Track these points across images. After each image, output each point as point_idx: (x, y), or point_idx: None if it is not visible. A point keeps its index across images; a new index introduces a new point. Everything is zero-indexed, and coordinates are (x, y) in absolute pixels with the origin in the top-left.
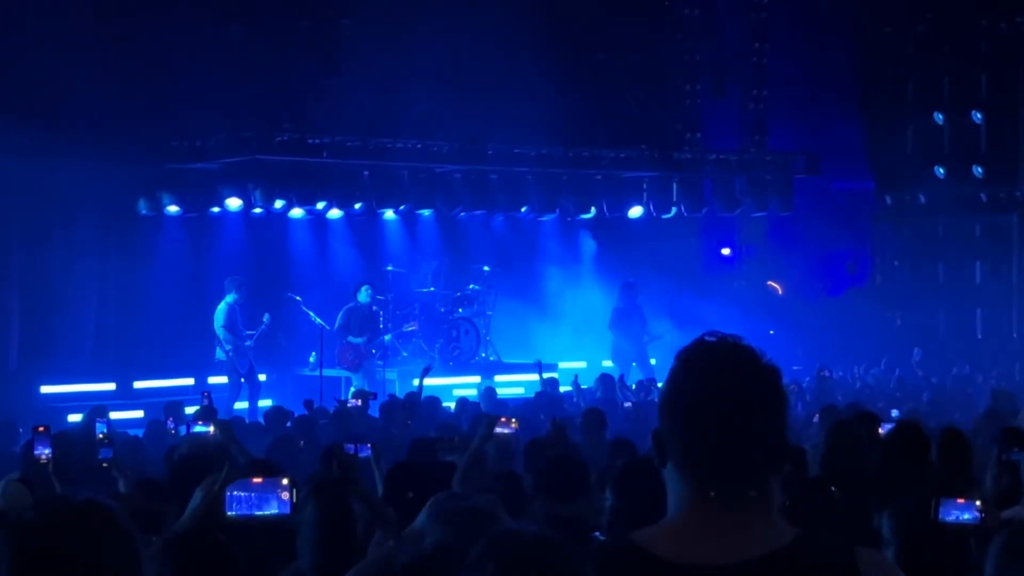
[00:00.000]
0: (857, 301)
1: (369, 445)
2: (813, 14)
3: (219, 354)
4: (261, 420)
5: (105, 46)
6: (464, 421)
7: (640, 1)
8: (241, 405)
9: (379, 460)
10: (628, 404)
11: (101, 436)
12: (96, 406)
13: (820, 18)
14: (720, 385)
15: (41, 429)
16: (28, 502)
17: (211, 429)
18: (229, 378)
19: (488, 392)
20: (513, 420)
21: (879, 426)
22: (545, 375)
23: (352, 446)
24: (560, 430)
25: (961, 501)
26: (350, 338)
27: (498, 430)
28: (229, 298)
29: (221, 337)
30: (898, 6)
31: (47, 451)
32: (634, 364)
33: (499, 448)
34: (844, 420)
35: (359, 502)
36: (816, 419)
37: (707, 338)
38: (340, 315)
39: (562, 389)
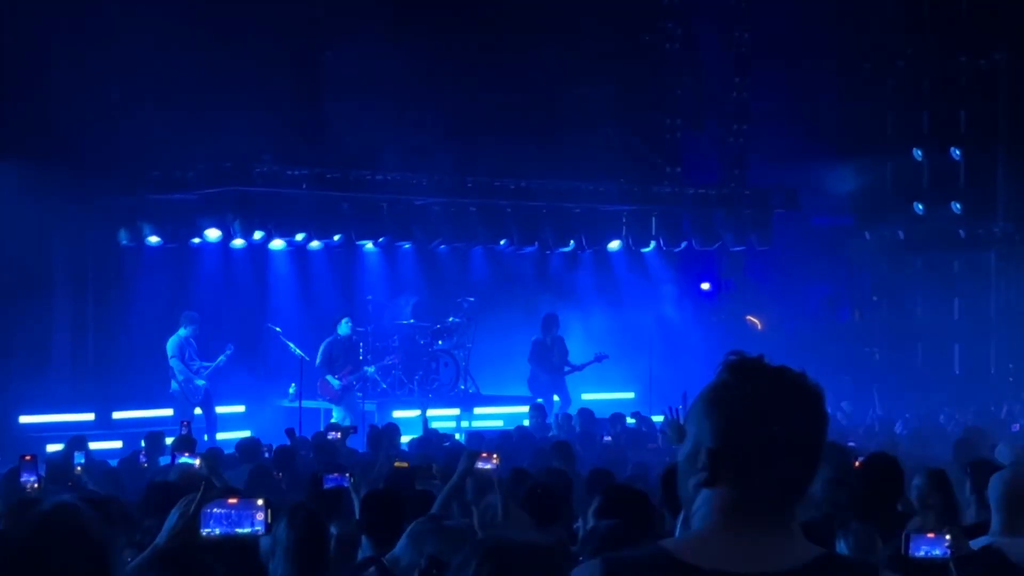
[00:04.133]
0: (836, 336)
1: (348, 475)
2: (793, 49)
3: (172, 384)
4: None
5: (84, 76)
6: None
7: (620, 34)
8: None
9: (358, 489)
10: (608, 438)
11: (79, 468)
12: (76, 436)
13: (800, 53)
14: (781, 406)
15: (28, 458)
16: None
17: (197, 462)
18: (176, 409)
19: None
20: (495, 455)
21: (855, 459)
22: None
23: (332, 476)
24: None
25: (931, 536)
26: (328, 377)
27: (479, 465)
28: (181, 331)
29: (172, 368)
30: (877, 42)
31: (33, 479)
32: (557, 398)
33: (478, 482)
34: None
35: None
36: None
37: (751, 359)
38: (321, 349)
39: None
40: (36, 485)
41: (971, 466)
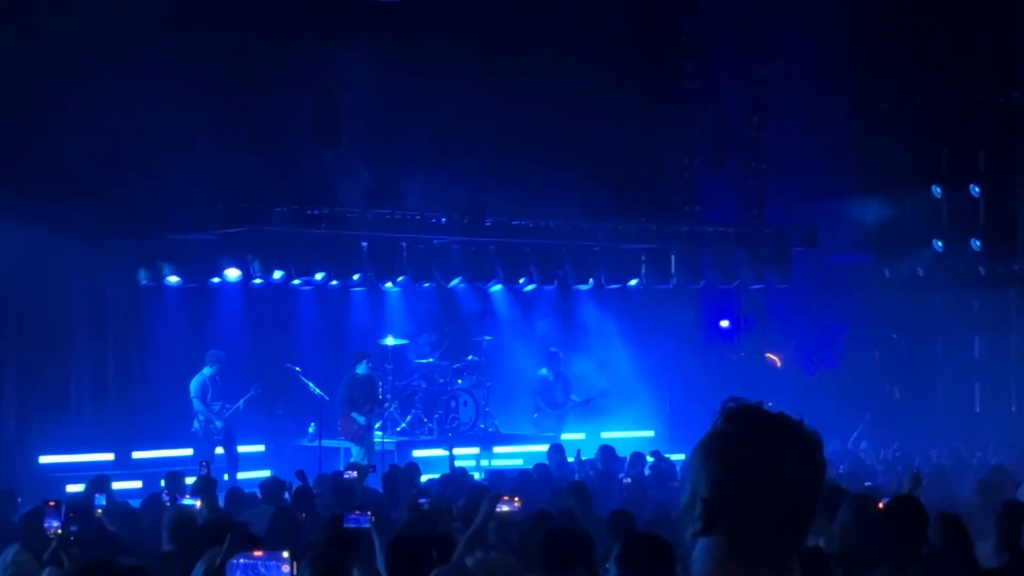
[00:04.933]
0: (855, 374)
1: (369, 514)
2: (812, 87)
3: (194, 424)
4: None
5: (104, 117)
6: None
7: (639, 73)
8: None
9: (379, 529)
10: (627, 480)
11: (100, 510)
12: (97, 477)
13: (819, 91)
14: (776, 455)
15: (52, 504)
16: (37, 574)
17: (198, 504)
18: (196, 449)
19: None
20: (516, 498)
21: (877, 501)
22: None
23: (354, 517)
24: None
25: None
26: (354, 414)
27: (501, 508)
28: (206, 370)
29: (194, 407)
30: (897, 79)
31: (57, 525)
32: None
33: (501, 525)
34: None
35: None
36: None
37: (748, 407)
38: (341, 387)
39: (569, 459)
40: (59, 531)
41: (999, 508)
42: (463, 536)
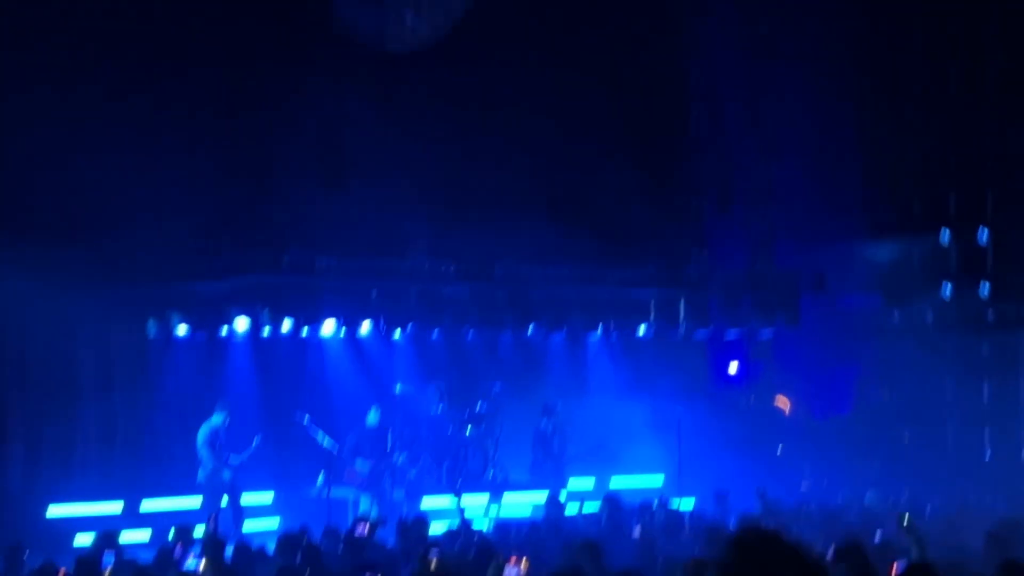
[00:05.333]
0: (865, 418)
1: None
2: (819, 128)
3: (200, 474)
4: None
5: (111, 165)
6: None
7: (646, 116)
8: None
9: None
10: (637, 532)
11: (107, 571)
12: (104, 533)
13: (827, 133)
14: None
15: (62, 573)
16: None
17: (201, 566)
18: (204, 498)
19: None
20: (524, 560)
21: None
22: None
23: None
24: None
25: None
26: (357, 464)
27: (507, 572)
28: (215, 419)
29: (201, 456)
30: (904, 122)
31: None
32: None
33: None
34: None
35: None
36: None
37: (754, 537)
38: (350, 436)
39: (568, 511)
40: None
41: (1001, 569)
42: None
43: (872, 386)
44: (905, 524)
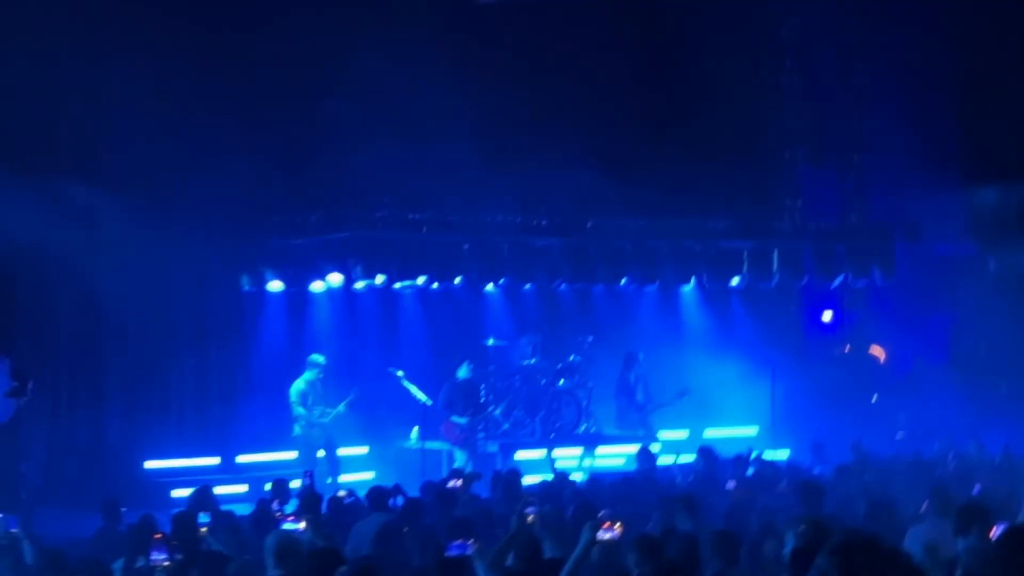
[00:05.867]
0: (960, 368)
1: (471, 542)
2: (912, 77)
3: (296, 429)
4: (339, 494)
5: (205, 124)
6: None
7: (738, 69)
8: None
9: (483, 556)
10: (731, 484)
11: (204, 529)
12: (200, 490)
13: (919, 82)
14: None
15: (158, 536)
16: None
17: (302, 525)
18: (300, 453)
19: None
20: (618, 524)
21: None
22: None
23: (456, 544)
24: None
25: None
26: (454, 417)
27: (602, 535)
28: (308, 374)
29: (295, 413)
30: (999, 70)
31: (164, 558)
32: (641, 431)
33: (604, 553)
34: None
35: None
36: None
37: (852, 542)
38: (443, 391)
39: (662, 462)
40: (167, 564)
41: None
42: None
43: (967, 336)
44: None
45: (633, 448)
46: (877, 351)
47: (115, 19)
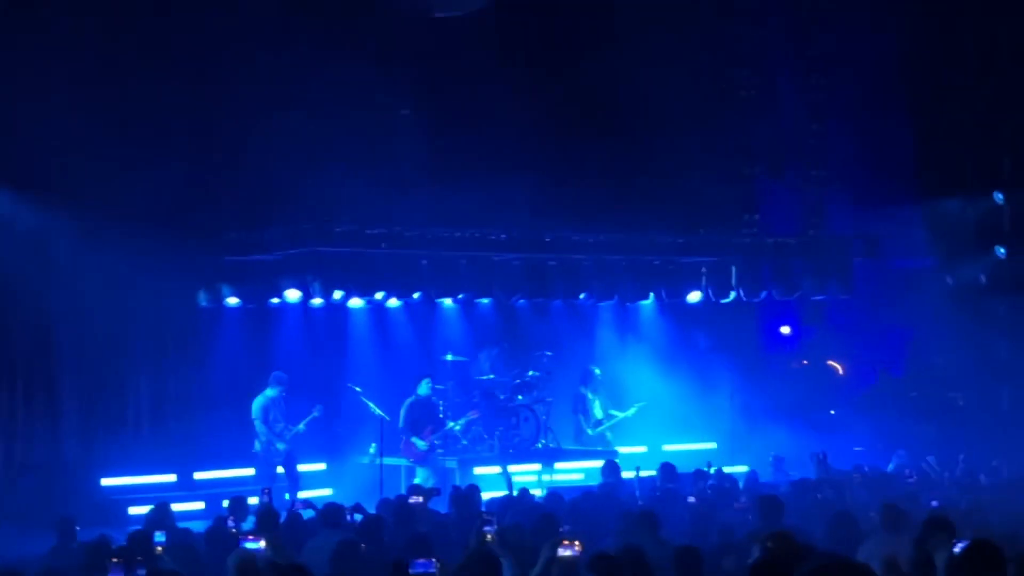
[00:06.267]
0: (918, 381)
1: (434, 561)
2: (870, 92)
3: (256, 445)
4: (299, 511)
5: (164, 138)
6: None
7: (697, 82)
8: None
9: (444, 574)
10: (692, 499)
11: (160, 548)
12: (157, 508)
13: (877, 96)
14: None
15: (116, 560)
16: None
17: (261, 545)
18: (258, 469)
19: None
20: (577, 542)
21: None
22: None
23: (420, 563)
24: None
25: None
26: (415, 439)
27: (561, 552)
28: (269, 392)
29: (256, 429)
30: (956, 84)
31: None
32: (599, 447)
33: (564, 571)
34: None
35: None
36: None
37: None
38: (403, 411)
39: (624, 475)
40: None
41: None
42: None
43: (926, 350)
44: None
45: (592, 463)
46: (835, 365)
47: (65, 39)
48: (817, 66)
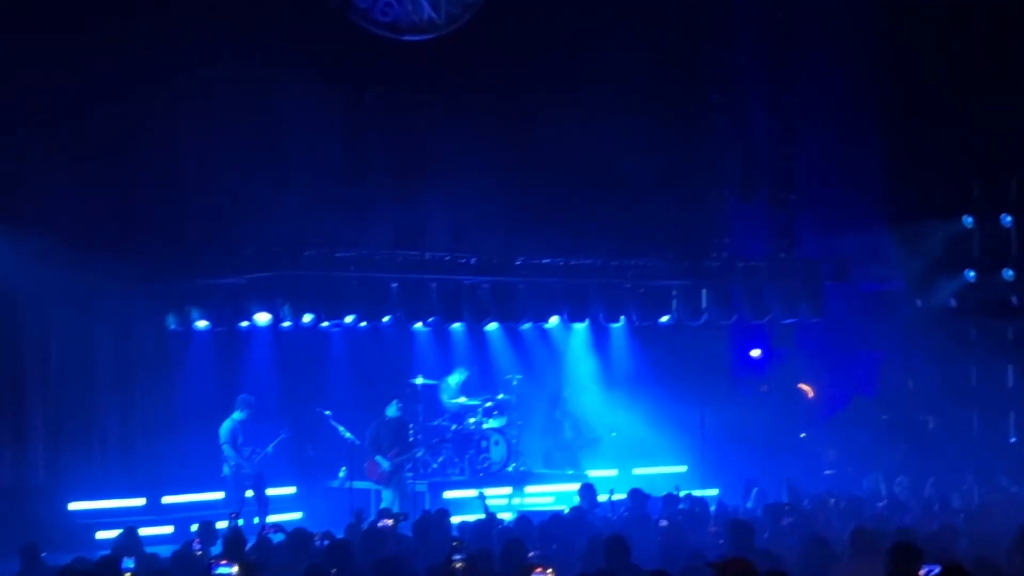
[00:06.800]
0: (889, 404)
1: None
2: (840, 117)
3: (224, 469)
4: (269, 535)
5: (134, 162)
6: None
7: (666, 107)
8: None
9: None
10: (663, 523)
11: (128, 575)
12: (126, 533)
13: (848, 121)
14: None
15: None
16: None
17: (234, 571)
18: (227, 493)
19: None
20: (549, 570)
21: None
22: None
23: None
24: None
25: None
26: (378, 458)
27: None
28: (236, 415)
29: (224, 453)
30: (926, 109)
31: None
32: (570, 470)
33: None
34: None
35: None
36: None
37: None
38: (370, 429)
39: (600, 498)
40: None
41: None
42: None
43: (895, 372)
44: None
45: (563, 487)
46: (805, 388)
47: (34, 64)
48: (786, 89)
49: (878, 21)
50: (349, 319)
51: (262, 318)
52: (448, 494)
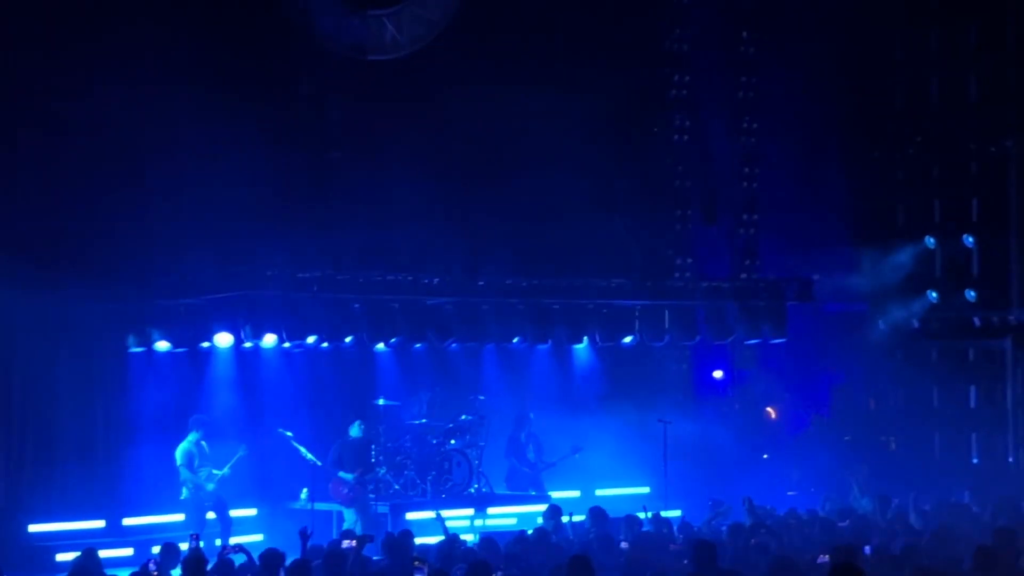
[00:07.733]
0: (851, 425)
1: None
2: (802, 138)
3: (183, 492)
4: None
5: (94, 181)
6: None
7: (629, 127)
8: None
9: None
10: (624, 544)
11: None
12: (85, 553)
13: (810, 142)
14: None
15: None
16: None
17: None
18: (188, 515)
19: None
20: None
21: None
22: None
23: None
24: None
25: None
26: (341, 473)
27: None
28: (191, 436)
29: (181, 477)
30: (887, 130)
31: None
32: (533, 491)
33: None
34: None
35: None
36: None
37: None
38: (333, 449)
39: (564, 519)
40: None
41: None
42: None
43: (858, 393)
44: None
45: (525, 508)
46: (768, 409)
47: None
48: (749, 111)
49: (840, 44)
50: (311, 340)
51: (223, 340)
52: (410, 515)
